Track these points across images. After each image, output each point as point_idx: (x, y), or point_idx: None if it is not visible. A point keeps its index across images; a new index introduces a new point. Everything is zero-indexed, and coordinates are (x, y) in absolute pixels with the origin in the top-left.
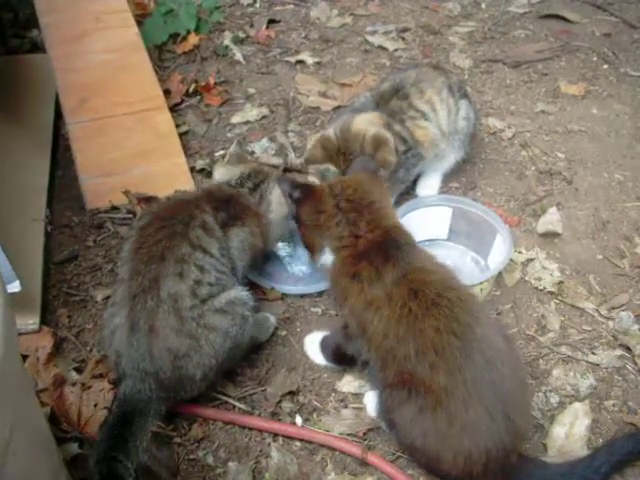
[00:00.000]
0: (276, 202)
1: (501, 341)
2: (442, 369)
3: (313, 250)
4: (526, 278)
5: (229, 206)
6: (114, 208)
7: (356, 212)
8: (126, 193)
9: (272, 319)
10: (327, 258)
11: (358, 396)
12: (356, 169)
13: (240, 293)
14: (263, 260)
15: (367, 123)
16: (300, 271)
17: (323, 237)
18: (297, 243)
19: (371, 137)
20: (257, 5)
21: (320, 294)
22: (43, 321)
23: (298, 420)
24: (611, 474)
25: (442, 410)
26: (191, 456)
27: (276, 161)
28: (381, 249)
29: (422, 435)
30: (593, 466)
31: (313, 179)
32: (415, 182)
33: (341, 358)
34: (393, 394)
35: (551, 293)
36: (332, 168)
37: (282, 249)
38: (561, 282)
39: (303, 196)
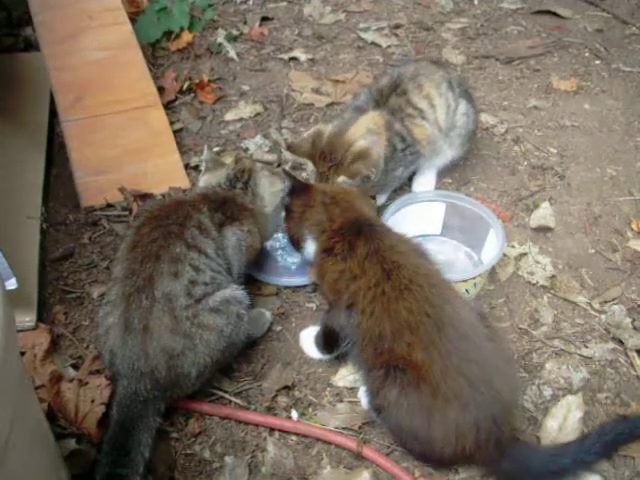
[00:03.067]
0: (268, 194)
1: (473, 316)
2: (418, 346)
3: (297, 241)
4: (519, 272)
5: (226, 207)
6: (109, 205)
7: (335, 205)
8: (122, 190)
9: (267, 315)
10: (310, 248)
11: (353, 390)
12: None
13: (235, 292)
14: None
15: (363, 132)
16: (292, 264)
17: (305, 226)
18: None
19: (355, 150)
20: (250, 2)
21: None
22: (40, 318)
23: (294, 414)
24: (602, 455)
25: (424, 385)
26: (188, 451)
27: (270, 158)
28: (354, 226)
29: (409, 414)
30: (584, 446)
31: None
32: (411, 178)
33: (329, 340)
34: (376, 376)
35: (544, 287)
36: (310, 166)
37: (274, 242)
38: (554, 276)
39: (298, 190)
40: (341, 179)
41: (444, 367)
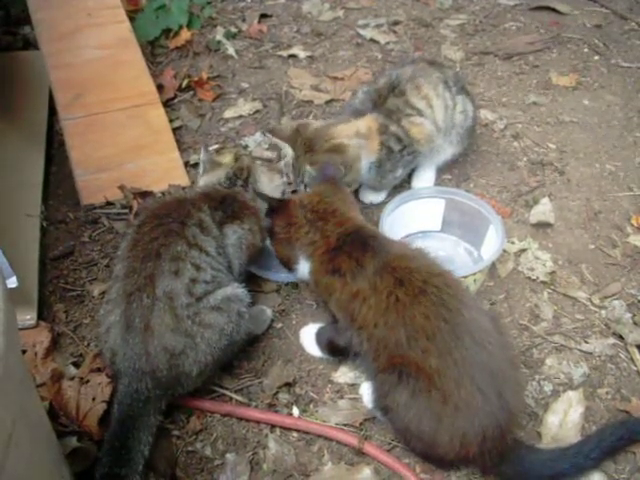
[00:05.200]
0: (268, 189)
1: (488, 322)
2: (433, 353)
3: (288, 263)
4: (519, 268)
5: (226, 205)
6: (109, 203)
7: (322, 220)
8: (122, 188)
9: (268, 312)
10: (304, 268)
11: (354, 387)
12: (320, 178)
13: (236, 290)
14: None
15: (351, 133)
16: None
17: (295, 248)
18: None
19: (333, 143)
20: (249, 0)
21: None
22: (40, 316)
23: (295, 411)
24: (602, 460)
25: (435, 392)
26: (189, 448)
27: (269, 155)
28: (357, 241)
29: (417, 418)
30: (583, 451)
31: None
32: (410, 175)
33: (334, 350)
34: (386, 379)
35: (544, 283)
36: (289, 150)
37: None
38: (554, 272)
39: (277, 210)
40: (307, 167)
41: (458, 375)
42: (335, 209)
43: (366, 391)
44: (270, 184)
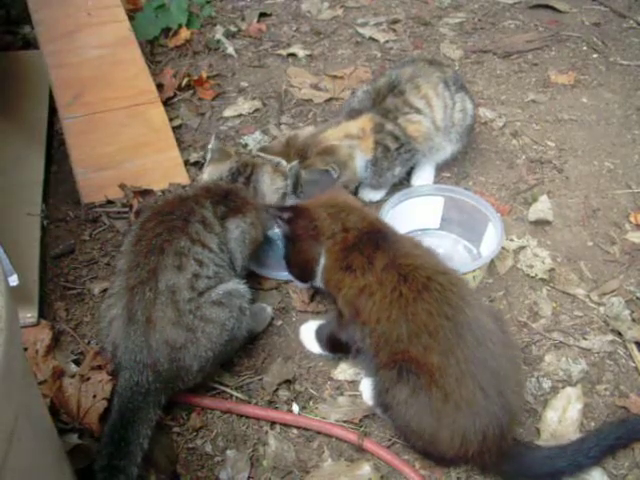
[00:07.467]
0: (269, 191)
1: (491, 322)
2: (435, 350)
3: (311, 264)
4: (518, 265)
5: (228, 200)
6: (109, 202)
7: (344, 212)
8: (122, 187)
9: (269, 310)
10: (320, 267)
11: (354, 383)
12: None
13: (237, 285)
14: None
15: (340, 136)
16: None
17: (320, 243)
18: None
19: (322, 146)
20: None
21: None
22: (41, 314)
23: (295, 408)
24: (601, 458)
25: (436, 389)
26: (190, 445)
27: None
28: (370, 240)
29: (418, 416)
30: (582, 450)
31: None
32: (409, 173)
33: (335, 346)
34: (387, 376)
35: (543, 280)
36: (283, 162)
37: (273, 235)
38: (552, 269)
39: (296, 215)
40: (302, 171)
41: (460, 373)
42: (350, 205)
43: (366, 388)
44: (271, 186)
